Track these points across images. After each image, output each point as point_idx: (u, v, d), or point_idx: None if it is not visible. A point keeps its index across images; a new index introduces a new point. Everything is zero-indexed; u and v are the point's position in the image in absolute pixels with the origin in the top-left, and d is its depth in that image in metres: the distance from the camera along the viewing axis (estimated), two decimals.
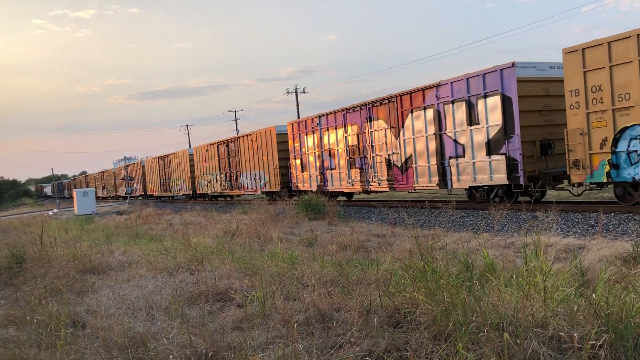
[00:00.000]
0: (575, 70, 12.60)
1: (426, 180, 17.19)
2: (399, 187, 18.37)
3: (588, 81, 12.43)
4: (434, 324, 4.68)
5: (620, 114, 11.89)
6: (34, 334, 5.99)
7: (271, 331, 5.37)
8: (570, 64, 12.75)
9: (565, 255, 8.56)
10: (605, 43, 12.01)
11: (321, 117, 22.32)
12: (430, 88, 16.71)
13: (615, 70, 11.88)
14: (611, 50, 11.96)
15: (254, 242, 12.76)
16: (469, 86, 15.34)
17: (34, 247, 11.92)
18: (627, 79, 11.65)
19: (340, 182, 21.47)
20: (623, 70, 11.74)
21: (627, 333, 4.06)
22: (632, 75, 11.53)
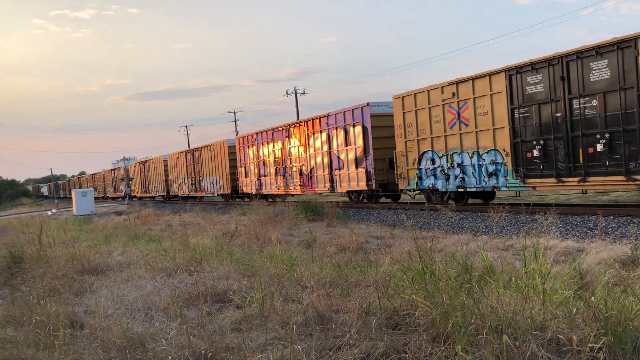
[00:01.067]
0: (398, 110, 17.84)
1: (322, 186, 22.23)
2: (306, 191, 23.36)
3: (405, 119, 17.64)
4: (432, 326, 4.68)
5: (421, 143, 17.13)
6: (32, 334, 5.98)
7: (270, 332, 5.36)
8: (396, 105, 17.97)
9: (564, 258, 8.56)
10: (413, 94, 17.27)
11: (258, 133, 27.40)
12: (324, 117, 21.70)
13: (418, 113, 17.08)
14: (416, 99, 17.16)
15: (253, 243, 12.75)
16: (345, 117, 20.38)
17: (33, 247, 11.92)
18: (424, 119, 16.84)
19: (271, 186, 26.32)
20: (422, 113, 16.94)
21: (625, 336, 4.07)
22: (426, 117, 16.78)
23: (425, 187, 17.18)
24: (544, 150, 13.37)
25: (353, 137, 19.87)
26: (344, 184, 20.71)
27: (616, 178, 11.96)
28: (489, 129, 14.71)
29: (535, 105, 13.45)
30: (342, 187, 20.90)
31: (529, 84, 13.58)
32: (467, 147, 15.51)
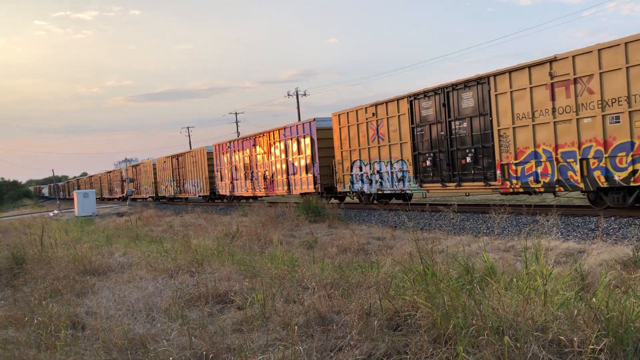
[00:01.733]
0: (336, 126, 21.52)
1: (281, 189, 25.64)
2: (269, 193, 27.17)
3: (341, 133, 21.33)
4: (434, 327, 4.68)
5: (352, 153, 20.73)
6: (33, 335, 5.99)
7: (271, 333, 5.37)
8: (334, 122, 21.69)
9: (565, 259, 8.55)
10: (346, 112, 20.82)
11: (231, 142, 31.01)
12: (282, 129, 25.14)
13: (350, 128, 20.68)
14: (349, 117, 20.71)
15: (254, 244, 12.76)
16: (298, 130, 23.87)
17: (34, 248, 11.93)
18: (354, 133, 20.51)
19: (241, 189, 29.82)
20: (353, 129, 20.60)
21: (627, 337, 4.06)
22: (355, 132, 20.39)
23: (355, 190, 20.94)
24: (433, 161, 17.02)
25: (304, 147, 23.54)
26: (298, 187, 24.30)
27: (479, 184, 15.37)
28: (398, 143, 18.33)
29: (427, 125, 17.12)
30: (297, 190, 24.44)
31: (423, 108, 17.24)
32: (383, 157, 19.18)
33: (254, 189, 28.15)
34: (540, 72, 13.23)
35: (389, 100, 18.47)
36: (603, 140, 11.95)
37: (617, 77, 11.55)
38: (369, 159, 19.78)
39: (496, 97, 14.42)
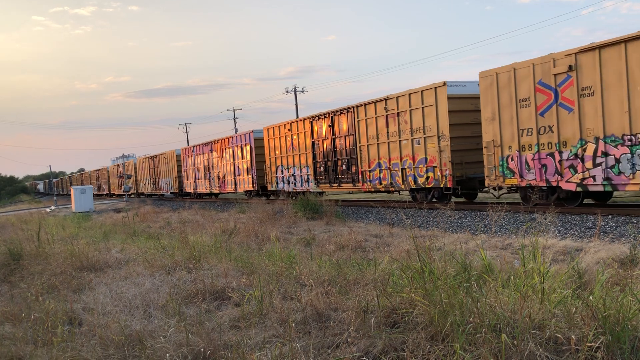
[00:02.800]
0: (266, 138, 26.57)
1: (230, 187, 30.70)
2: (222, 191, 32.01)
3: (269, 143, 26.37)
4: (431, 324, 4.68)
5: (277, 159, 25.77)
6: (30, 331, 5.98)
7: (268, 330, 5.36)
8: (265, 134, 26.75)
9: (562, 257, 8.57)
10: (272, 127, 26.06)
11: (194, 147, 36.00)
12: (231, 137, 30.62)
13: (275, 140, 25.70)
14: (274, 130, 25.88)
15: (252, 241, 12.76)
16: (241, 139, 29.21)
17: (31, 244, 11.90)
18: (278, 144, 25.57)
19: (202, 187, 34.87)
20: (276, 140, 25.60)
21: (624, 335, 4.07)
22: (279, 143, 25.54)
23: (279, 189, 25.93)
24: (325, 167, 22.27)
25: (245, 153, 28.78)
26: (241, 186, 29.58)
27: (350, 185, 20.93)
28: (304, 153, 23.54)
29: (321, 140, 22.47)
30: (241, 188, 29.68)
31: (319, 127, 22.57)
32: (296, 163, 24.33)
33: (211, 187, 33.36)
34: (380, 106, 18.68)
35: (298, 120, 24.12)
36: (412, 156, 17.41)
37: (418, 113, 17.01)
38: (287, 165, 25.10)
39: (358, 123, 19.88)
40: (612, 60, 11.59)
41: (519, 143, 13.77)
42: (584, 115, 12.26)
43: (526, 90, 13.42)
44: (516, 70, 13.60)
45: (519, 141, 13.77)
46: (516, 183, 14.00)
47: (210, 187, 33.13)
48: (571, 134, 12.58)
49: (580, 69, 12.24)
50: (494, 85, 14.18)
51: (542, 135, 13.23)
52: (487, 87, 14.40)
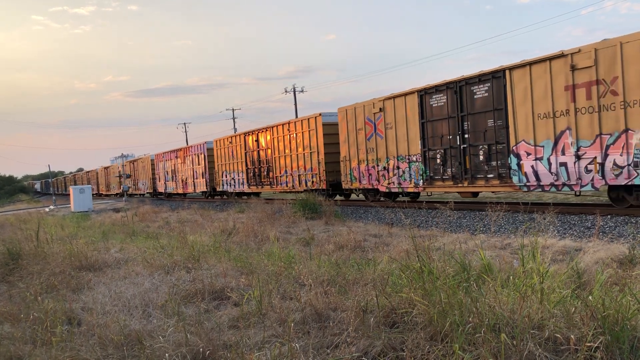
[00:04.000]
0: (215, 148, 32.00)
1: (191, 189, 36.78)
2: (185, 191, 38.18)
3: (218, 153, 32.05)
4: (430, 324, 4.68)
5: (223, 166, 31.08)
6: (29, 330, 5.97)
7: (267, 330, 5.36)
8: (214, 146, 32.12)
9: (561, 257, 8.57)
10: (220, 140, 31.51)
11: (165, 153, 41.93)
12: (191, 147, 36.90)
13: (222, 150, 31.30)
14: (222, 142, 31.11)
15: (251, 241, 12.75)
16: (198, 149, 35.42)
17: (30, 243, 11.89)
18: (224, 153, 31.13)
19: (170, 188, 40.86)
20: (222, 151, 31.22)
21: (623, 335, 4.07)
22: (224, 152, 31.00)
23: (224, 190, 31.75)
24: (253, 173, 28.12)
25: (201, 160, 34.70)
26: (199, 187, 35.64)
27: (269, 187, 26.41)
28: (241, 161, 29.13)
29: (251, 152, 27.96)
30: (198, 189, 35.83)
31: (249, 141, 27.79)
32: (235, 169, 30.00)
33: (177, 188, 39.54)
34: (285, 128, 24.53)
35: (235, 135, 30.05)
36: (304, 166, 22.99)
37: (307, 135, 22.99)
38: (229, 170, 30.71)
39: (273, 140, 25.22)
40: (400, 106, 17.73)
41: (358, 158, 20.00)
42: (388, 141, 18.36)
43: (361, 122, 19.68)
44: (356, 109, 19.88)
45: (358, 157, 19.99)
46: (358, 186, 20.28)
47: (177, 188, 39.62)
48: (382, 154, 18.72)
49: (385, 111, 18.37)
50: (345, 118, 20.50)
51: (369, 154, 19.39)
52: (342, 119, 20.75)
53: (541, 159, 13.31)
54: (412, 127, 17.20)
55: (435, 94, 16.33)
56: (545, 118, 13.11)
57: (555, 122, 12.88)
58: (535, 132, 13.40)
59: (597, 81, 11.89)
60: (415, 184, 17.31)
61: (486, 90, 14.68)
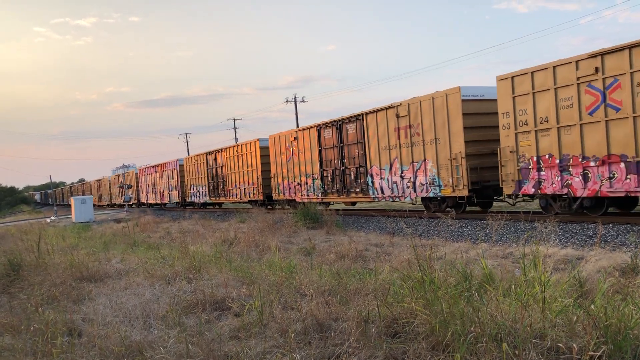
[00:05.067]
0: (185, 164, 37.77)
1: (167, 199, 42.04)
2: (163, 201, 43.33)
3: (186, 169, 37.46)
4: (432, 334, 4.66)
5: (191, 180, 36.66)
6: (30, 342, 5.96)
7: (268, 341, 5.34)
8: (184, 162, 38.21)
9: (563, 265, 8.55)
10: (190, 157, 37.95)
11: (146, 168, 47.62)
12: (167, 163, 42.04)
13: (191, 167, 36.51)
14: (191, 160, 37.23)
15: (252, 251, 12.73)
16: (172, 165, 40.48)
17: (31, 254, 11.88)
18: (193, 169, 36.28)
19: (151, 199, 46.04)
20: (192, 167, 36.30)
21: (626, 345, 4.05)
22: (193, 169, 36.13)
23: (193, 200, 36.84)
24: (214, 186, 33.11)
25: (175, 175, 40.04)
26: (173, 199, 40.83)
27: (224, 198, 31.91)
28: (204, 177, 34.29)
29: (212, 168, 32.82)
30: (172, 200, 40.96)
31: (209, 159, 33.37)
32: (200, 183, 35.26)
33: (156, 199, 44.84)
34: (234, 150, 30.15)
35: (200, 154, 34.92)
36: (248, 181, 28.21)
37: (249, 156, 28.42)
38: (196, 184, 35.83)
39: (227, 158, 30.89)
40: (307, 137, 22.94)
41: (282, 176, 25.19)
42: (300, 163, 23.48)
43: (283, 147, 24.86)
44: (280, 137, 25.04)
45: (282, 175, 25.18)
46: (283, 197, 25.44)
47: (156, 199, 44.91)
48: (297, 172, 23.87)
49: (298, 139, 23.56)
50: (273, 143, 25.60)
51: (289, 172, 24.59)
52: (271, 144, 25.78)
53: (384, 178, 18.68)
54: (314, 153, 22.57)
55: (326, 129, 21.78)
56: (385, 149, 18.47)
57: (390, 152, 18.29)
58: (380, 159, 18.80)
59: (409, 125, 17.28)
60: (316, 195, 22.68)
61: (354, 128, 20.14)
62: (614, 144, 11.77)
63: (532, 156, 13.57)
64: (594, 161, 12.13)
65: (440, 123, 16.13)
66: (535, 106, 13.39)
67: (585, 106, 12.23)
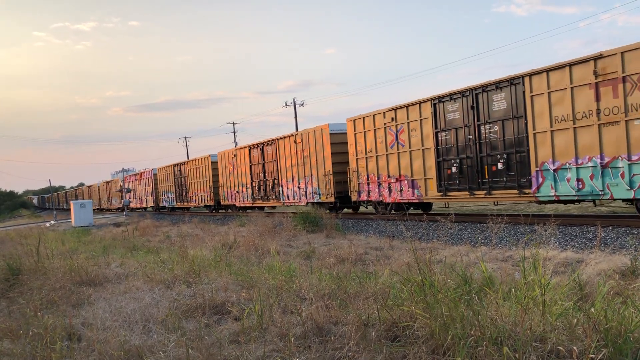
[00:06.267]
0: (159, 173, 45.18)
1: (145, 204, 49.19)
2: (141, 206, 49.94)
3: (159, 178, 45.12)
4: (432, 338, 4.66)
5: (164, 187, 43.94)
6: (29, 346, 5.94)
7: (268, 345, 5.33)
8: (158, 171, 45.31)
9: (563, 268, 8.54)
10: (163, 167, 43.75)
11: (129, 176, 53.93)
12: (145, 171, 48.87)
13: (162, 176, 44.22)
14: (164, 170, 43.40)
15: (252, 255, 12.72)
16: (148, 174, 47.45)
17: (30, 258, 11.86)
18: (165, 177, 43.58)
19: (135, 204, 52.13)
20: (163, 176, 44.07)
21: (626, 348, 4.05)
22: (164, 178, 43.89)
23: (164, 205, 42.96)
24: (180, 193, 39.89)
25: (150, 182, 46.05)
26: (149, 204, 47.31)
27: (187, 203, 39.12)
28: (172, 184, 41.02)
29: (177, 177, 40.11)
30: (149, 205, 47.17)
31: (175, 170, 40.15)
32: (170, 190, 41.59)
33: (136, 204, 51.65)
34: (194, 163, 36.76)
35: (169, 165, 41.12)
36: (204, 190, 35.55)
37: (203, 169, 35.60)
38: (167, 190, 41.76)
39: (187, 170, 37.71)
40: (242, 155, 29.49)
41: (226, 185, 31.63)
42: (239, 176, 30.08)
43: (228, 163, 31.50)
44: (225, 154, 31.71)
45: (226, 184, 31.64)
46: (227, 203, 31.71)
47: (136, 203, 51.69)
48: (237, 182, 30.13)
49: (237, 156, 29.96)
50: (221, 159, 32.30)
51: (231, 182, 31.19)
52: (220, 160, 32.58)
53: (289, 188, 24.73)
54: (246, 168, 28.94)
55: (254, 149, 27.95)
56: (290, 167, 24.62)
57: (292, 169, 24.44)
58: (287, 174, 24.94)
59: (303, 150, 23.29)
60: (249, 201, 28.93)
61: (271, 149, 26.25)
62: (402, 168, 18.16)
63: (364, 175, 19.92)
64: (393, 179, 18.51)
65: (319, 149, 22.26)
66: (365, 140, 19.75)
67: (388, 142, 18.67)
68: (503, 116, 14.68)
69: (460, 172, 16.03)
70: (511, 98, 14.43)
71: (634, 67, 11.61)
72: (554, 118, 13.26)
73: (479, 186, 15.59)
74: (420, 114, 17.30)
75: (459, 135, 16.11)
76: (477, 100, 15.40)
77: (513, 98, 14.37)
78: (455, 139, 16.20)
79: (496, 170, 15.00)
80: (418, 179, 17.52)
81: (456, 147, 16.18)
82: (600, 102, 12.28)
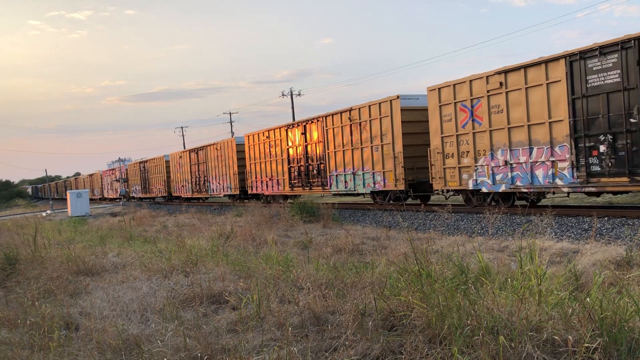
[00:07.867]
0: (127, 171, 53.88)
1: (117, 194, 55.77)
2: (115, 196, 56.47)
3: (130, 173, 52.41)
4: (429, 327, 4.68)
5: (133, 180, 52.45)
6: (26, 336, 5.95)
7: (266, 334, 5.36)
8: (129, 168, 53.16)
9: (559, 259, 8.59)
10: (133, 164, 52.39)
11: (106, 171, 60.05)
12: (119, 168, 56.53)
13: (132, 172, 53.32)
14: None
15: (249, 245, 12.74)
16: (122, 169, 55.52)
17: (27, 248, 11.86)
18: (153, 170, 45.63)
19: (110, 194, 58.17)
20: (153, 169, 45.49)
21: (621, 337, 4.08)
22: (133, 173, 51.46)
23: (133, 195, 48.92)
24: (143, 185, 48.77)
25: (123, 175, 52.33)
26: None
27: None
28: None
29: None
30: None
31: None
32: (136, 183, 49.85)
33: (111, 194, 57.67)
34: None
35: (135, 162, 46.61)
36: None
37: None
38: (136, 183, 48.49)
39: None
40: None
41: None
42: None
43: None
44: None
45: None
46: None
47: (111, 194, 58.20)
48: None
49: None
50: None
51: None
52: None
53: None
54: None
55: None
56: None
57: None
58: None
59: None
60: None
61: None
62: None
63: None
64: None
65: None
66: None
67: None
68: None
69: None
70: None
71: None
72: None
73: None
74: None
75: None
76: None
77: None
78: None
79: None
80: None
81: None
82: None
